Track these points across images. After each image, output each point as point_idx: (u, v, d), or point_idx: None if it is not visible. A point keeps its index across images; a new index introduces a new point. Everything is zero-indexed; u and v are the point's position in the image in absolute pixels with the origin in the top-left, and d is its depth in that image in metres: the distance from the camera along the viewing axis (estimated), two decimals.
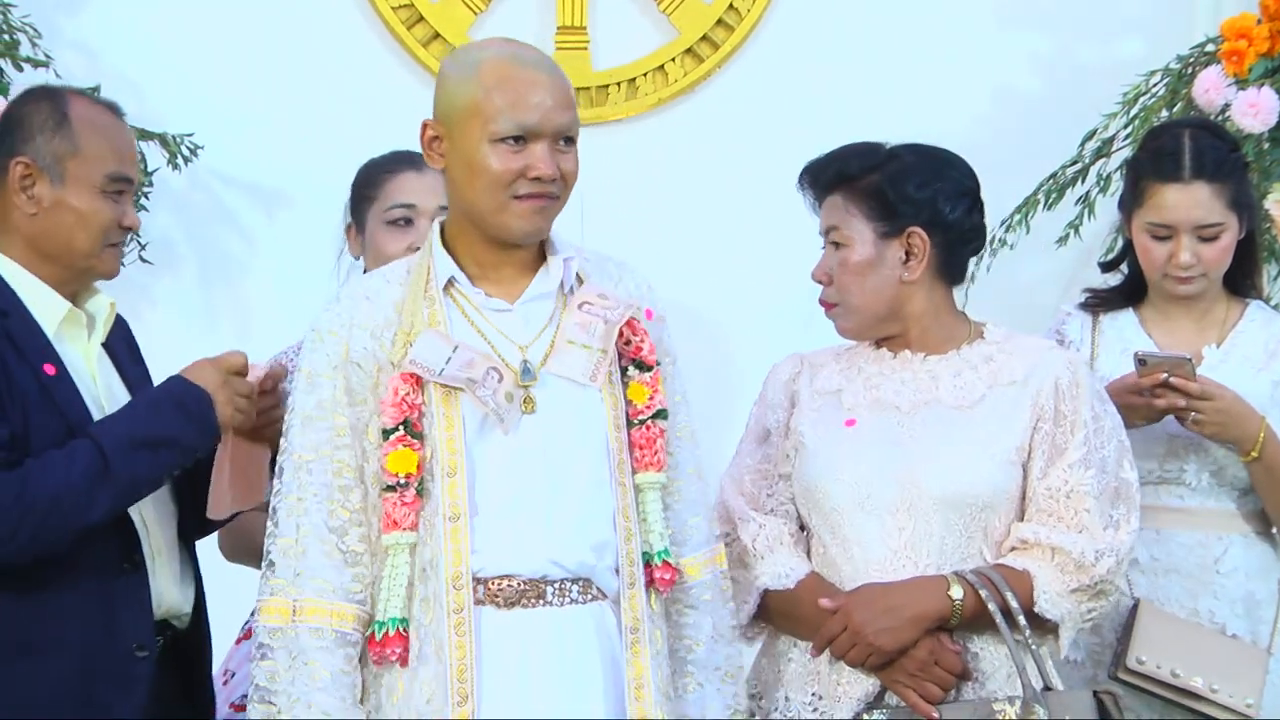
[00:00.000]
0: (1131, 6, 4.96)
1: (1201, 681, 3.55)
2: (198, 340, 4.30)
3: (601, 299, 3.17)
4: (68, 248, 3.31)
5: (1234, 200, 3.73)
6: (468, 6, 4.87)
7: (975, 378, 3.40)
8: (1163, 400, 3.59)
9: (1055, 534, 3.31)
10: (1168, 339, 3.80)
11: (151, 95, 4.56)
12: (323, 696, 3.06)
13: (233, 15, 4.78)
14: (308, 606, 3.08)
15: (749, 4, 4.93)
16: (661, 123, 4.89)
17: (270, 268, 4.77)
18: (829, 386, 3.44)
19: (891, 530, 3.30)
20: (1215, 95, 4.60)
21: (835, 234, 3.41)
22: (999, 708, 3.25)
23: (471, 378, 3.07)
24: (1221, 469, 3.73)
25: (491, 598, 3.08)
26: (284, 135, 4.78)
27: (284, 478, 3.13)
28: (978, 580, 3.26)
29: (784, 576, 3.31)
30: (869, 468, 3.33)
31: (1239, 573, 3.73)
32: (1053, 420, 3.37)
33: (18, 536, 3.14)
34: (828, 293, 3.40)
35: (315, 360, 3.12)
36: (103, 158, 3.31)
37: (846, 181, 3.42)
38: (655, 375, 3.18)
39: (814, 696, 3.31)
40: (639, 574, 3.14)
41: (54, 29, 4.61)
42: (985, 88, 4.87)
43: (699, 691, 3.25)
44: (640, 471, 3.16)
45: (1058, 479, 3.34)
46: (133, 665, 3.24)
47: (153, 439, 3.22)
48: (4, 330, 3.24)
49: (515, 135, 3.06)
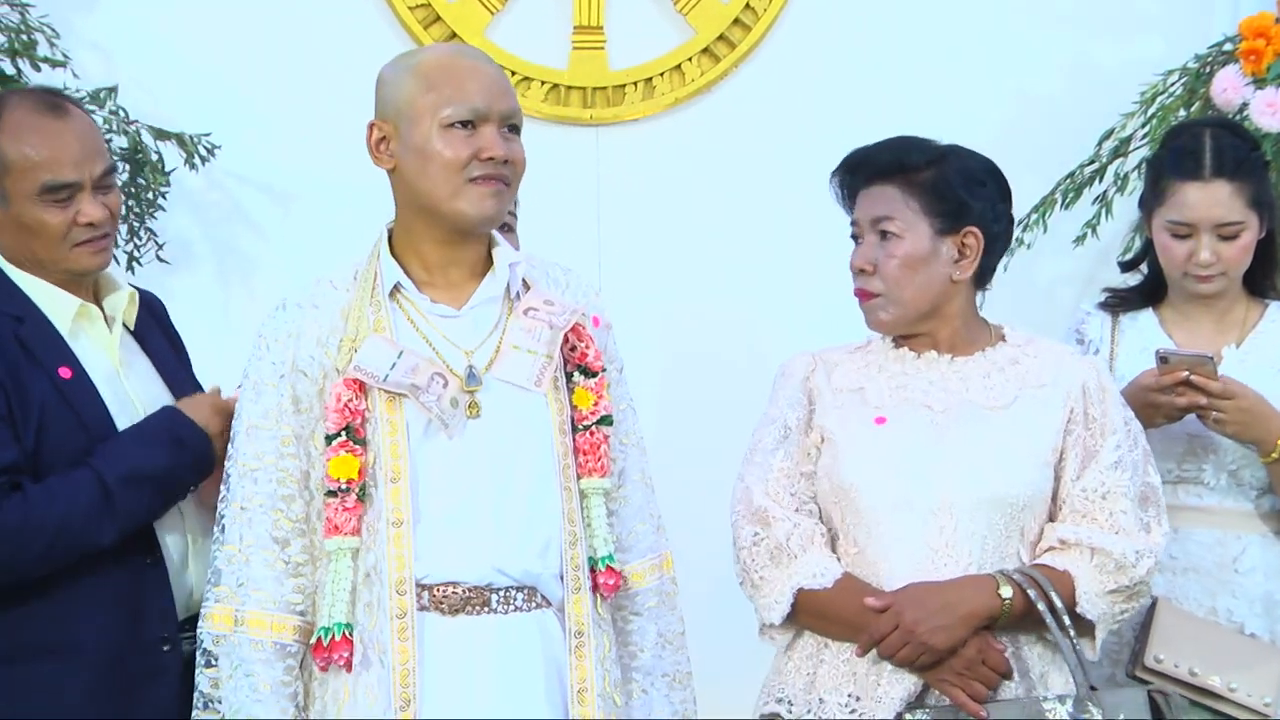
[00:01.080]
0: (1148, 6, 4.97)
1: (1219, 680, 3.55)
2: (215, 338, 4.28)
3: (547, 305, 3.18)
4: (35, 258, 3.31)
5: (1254, 199, 3.73)
6: (484, 6, 4.88)
7: (1004, 380, 3.40)
8: (1184, 399, 3.59)
9: (1095, 535, 3.32)
10: (1187, 339, 3.79)
11: (169, 95, 4.57)
12: (261, 708, 3.09)
13: (250, 15, 4.78)
14: (249, 617, 3.11)
15: (765, 3, 4.94)
16: (678, 122, 4.90)
17: (286, 267, 4.72)
18: (849, 384, 3.42)
19: (933, 530, 3.29)
20: (1233, 94, 4.60)
21: (888, 224, 3.37)
22: (1049, 707, 3.25)
23: (416, 384, 3.07)
24: (1240, 469, 3.72)
25: (436, 604, 3.09)
26: (301, 135, 4.78)
27: (229, 485, 3.14)
28: (1024, 580, 3.26)
29: (819, 576, 3.28)
30: (906, 467, 3.31)
31: (1257, 572, 3.72)
32: (1083, 423, 3.38)
33: (21, 561, 3.17)
34: (870, 283, 3.36)
35: (261, 369, 3.13)
36: (33, 170, 3.27)
37: (904, 172, 3.39)
38: (600, 381, 3.19)
39: (850, 698, 3.29)
40: (584, 579, 3.16)
41: (71, 29, 4.60)
42: (1002, 87, 4.88)
43: (644, 698, 3.28)
44: (585, 477, 3.17)
45: (1093, 480, 3.35)
46: (158, 658, 3.27)
47: (152, 476, 3.24)
48: (19, 337, 3.26)
49: (465, 120, 3.08)
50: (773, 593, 3.30)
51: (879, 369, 3.43)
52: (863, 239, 3.38)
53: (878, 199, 3.38)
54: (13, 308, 3.28)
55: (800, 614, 3.30)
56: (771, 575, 3.31)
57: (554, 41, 4.88)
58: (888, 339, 3.43)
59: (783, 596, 3.29)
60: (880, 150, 3.43)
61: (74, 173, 3.28)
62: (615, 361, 3.29)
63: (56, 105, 3.33)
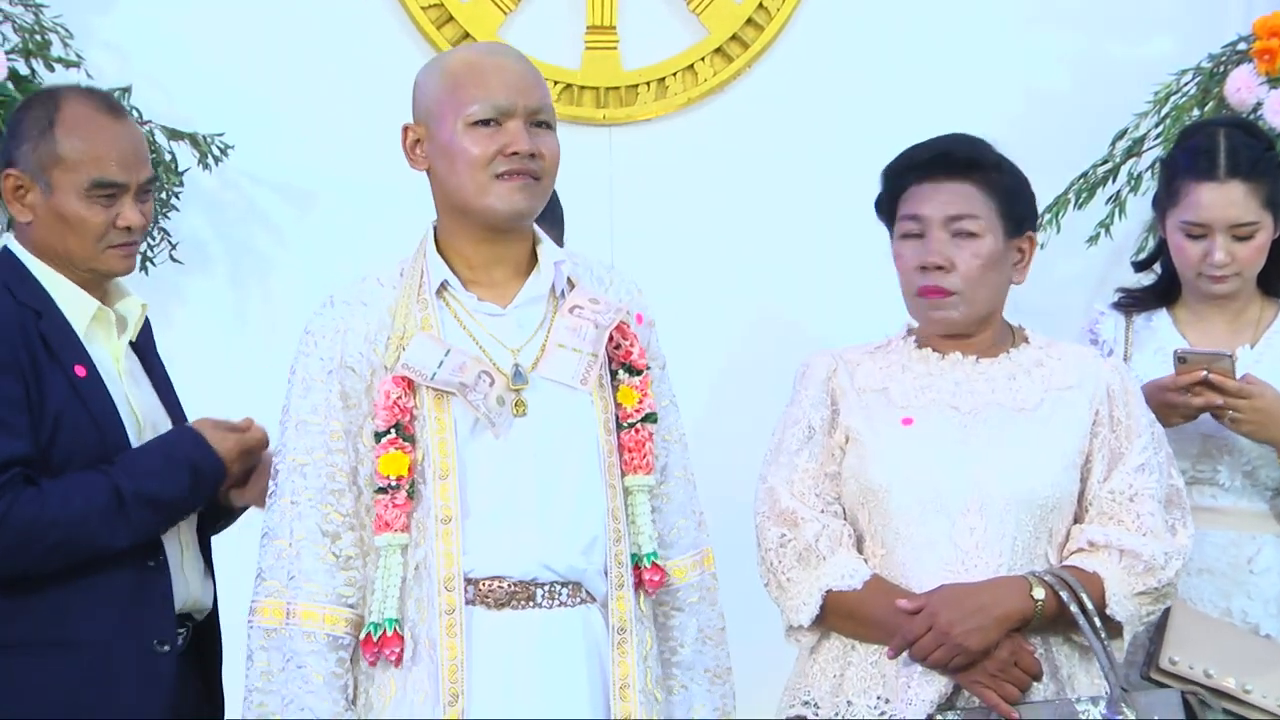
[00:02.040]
0: (1162, 5, 4.97)
1: (1234, 682, 3.53)
2: (228, 339, 4.31)
3: (592, 303, 3.18)
4: (66, 252, 3.33)
5: (1269, 200, 3.72)
6: (497, 6, 4.86)
7: (1030, 382, 3.39)
8: (1200, 398, 3.59)
9: (1125, 537, 3.32)
10: (1201, 339, 3.79)
11: (182, 95, 4.58)
12: (314, 699, 3.10)
13: (263, 15, 4.77)
14: (300, 610, 3.12)
15: (779, 3, 4.93)
16: (691, 122, 4.89)
17: (300, 266, 4.75)
18: (873, 384, 3.39)
19: (963, 531, 3.29)
20: (1247, 94, 4.60)
21: (970, 222, 3.34)
22: (1082, 708, 3.25)
23: (463, 382, 3.08)
24: (1255, 469, 3.72)
25: (482, 598, 3.10)
26: (314, 135, 4.77)
27: (278, 481, 3.15)
28: (1056, 582, 3.26)
29: (849, 577, 3.27)
30: (935, 468, 3.30)
31: (1272, 573, 3.72)
32: (1109, 426, 3.38)
33: (29, 555, 3.20)
34: (947, 280, 3.33)
35: (309, 365, 3.14)
36: (85, 165, 3.31)
37: (982, 171, 3.38)
38: (644, 379, 3.20)
39: (880, 700, 3.27)
40: (627, 576, 3.16)
41: (85, 29, 4.59)
42: (1015, 87, 4.87)
43: (684, 693, 3.27)
44: (629, 474, 3.18)
45: (1121, 483, 3.35)
46: (155, 661, 3.29)
47: (166, 501, 3.28)
48: (39, 331, 3.28)
49: (488, 117, 3.09)
50: (800, 594, 3.29)
51: (902, 369, 3.40)
52: (927, 235, 3.34)
53: (957, 196, 3.35)
54: (34, 302, 3.30)
55: (829, 615, 3.28)
56: (799, 576, 3.30)
57: (567, 41, 4.88)
58: (909, 339, 3.42)
59: (811, 598, 3.28)
60: (953, 146, 3.40)
61: (123, 174, 3.32)
62: (658, 358, 3.29)
63: (115, 107, 3.38)
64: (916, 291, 3.33)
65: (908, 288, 3.37)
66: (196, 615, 3.41)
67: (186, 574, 3.37)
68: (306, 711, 3.08)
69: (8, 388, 3.21)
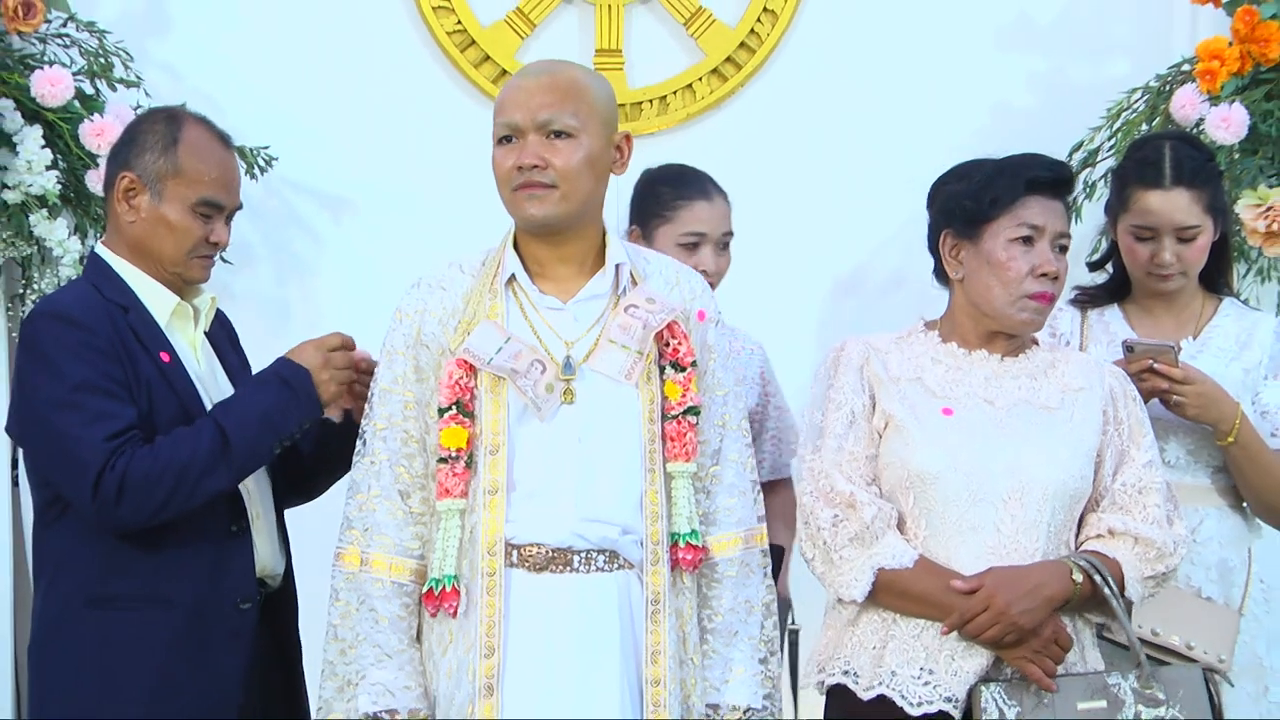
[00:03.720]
0: (1115, 30, 4.94)
1: (1179, 639, 3.55)
2: (273, 332, 4.30)
3: (648, 303, 3.19)
4: (159, 254, 3.38)
5: (1210, 205, 3.74)
6: (514, 31, 4.86)
7: (1048, 382, 3.38)
8: (1148, 384, 3.58)
9: (1139, 526, 3.32)
10: (1150, 332, 3.79)
11: (231, 111, 4.48)
12: (381, 636, 3.17)
13: (304, 38, 4.77)
14: (373, 559, 3.18)
15: (769, 29, 4.91)
16: (690, 136, 4.87)
17: (336, 266, 4.78)
18: (907, 373, 3.36)
19: (1005, 518, 3.25)
20: (1191, 110, 4.60)
21: (1065, 240, 3.35)
22: (1113, 681, 3.25)
23: (515, 368, 3.11)
24: (1198, 448, 3.74)
25: (523, 561, 3.12)
26: (349, 147, 4.78)
27: (364, 442, 3.22)
28: (1089, 566, 3.26)
29: (899, 557, 3.22)
30: (978, 457, 3.27)
31: (1213, 542, 3.74)
32: (1115, 425, 3.38)
33: (151, 504, 3.22)
34: (1057, 288, 3.35)
35: (394, 339, 3.20)
36: (199, 183, 3.36)
37: (1068, 191, 3.41)
38: (689, 375, 3.18)
39: (924, 670, 3.23)
40: (663, 552, 3.15)
41: (144, 52, 4.58)
42: (985, 104, 4.84)
43: (717, 658, 3.25)
44: (671, 461, 3.16)
45: (1131, 477, 3.35)
46: (238, 617, 3.32)
47: (264, 415, 3.30)
48: (128, 323, 3.32)
49: (504, 136, 3.15)
50: (852, 571, 3.23)
51: (933, 360, 3.38)
52: (1036, 245, 3.32)
53: (1056, 214, 3.35)
54: (121, 299, 3.35)
55: (879, 592, 3.23)
56: (852, 555, 3.23)
57: (578, 63, 4.85)
58: (930, 332, 3.41)
59: (863, 575, 3.22)
60: (1053, 164, 3.39)
61: (225, 198, 3.41)
62: (715, 351, 3.27)
63: (227, 139, 3.46)
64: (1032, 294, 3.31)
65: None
66: (269, 582, 3.44)
67: (260, 543, 3.40)
68: (374, 646, 3.15)
69: (113, 369, 3.25)
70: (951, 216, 3.36)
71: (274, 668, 3.45)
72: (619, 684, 3.12)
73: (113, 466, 3.18)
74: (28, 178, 4.33)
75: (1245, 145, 4.58)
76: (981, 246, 3.31)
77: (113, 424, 3.21)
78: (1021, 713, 3.18)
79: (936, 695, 3.21)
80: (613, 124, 3.20)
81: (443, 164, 4.71)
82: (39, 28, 4.39)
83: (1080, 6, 4.94)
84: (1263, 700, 3.74)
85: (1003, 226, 3.29)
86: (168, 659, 3.26)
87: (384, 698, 3.14)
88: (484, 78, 4.80)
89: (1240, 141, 4.56)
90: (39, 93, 4.34)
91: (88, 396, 3.22)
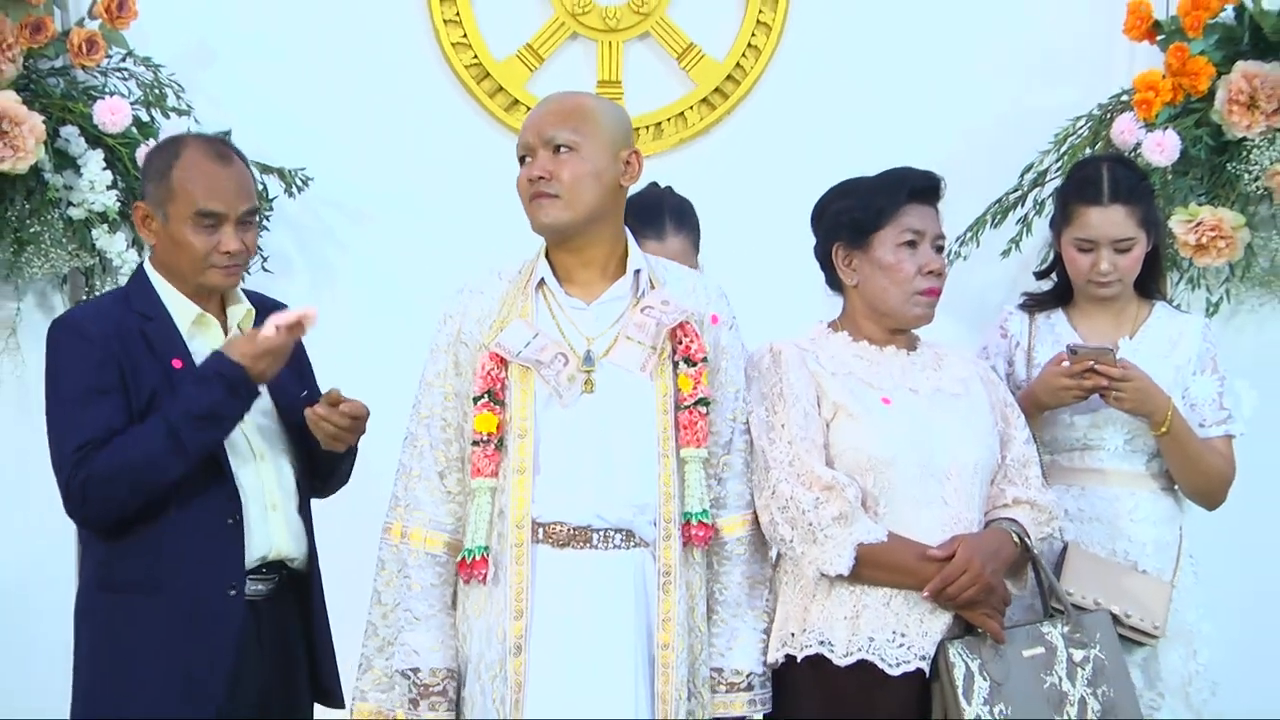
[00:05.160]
0: (1062, 64, 4.91)
1: (1118, 608, 3.56)
2: (309, 334, 4.32)
3: (663, 304, 3.21)
4: (179, 269, 3.39)
5: (1144, 220, 3.77)
6: (524, 64, 4.83)
7: (945, 372, 3.41)
8: (1090, 382, 3.63)
9: (1033, 493, 3.38)
10: (1090, 333, 3.82)
11: (272, 137, 4.54)
12: (414, 602, 3.23)
13: (337, 70, 4.77)
14: (411, 532, 3.25)
15: (752, 63, 4.89)
16: (682, 158, 4.86)
17: (363, 274, 4.78)
18: (840, 368, 3.35)
19: (949, 492, 3.28)
20: (1129, 136, 4.62)
21: (942, 241, 3.39)
22: (1045, 629, 3.30)
23: (541, 360, 3.16)
24: (1134, 438, 3.76)
25: (548, 538, 3.15)
26: (378, 168, 4.78)
27: (411, 428, 3.28)
28: (1020, 531, 3.31)
29: (874, 532, 3.21)
30: (920, 440, 3.28)
31: (1148, 521, 3.77)
32: (996, 408, 3.43)
33: (116, 500, 3.25)
34: (941, 283, 3.39)
35: (438, 338, 3.27)
36: (191, 198, 3.34)
37: (939, 197, 3.42)
38: (700, 370, 3.20)
39: (896, 634, 3.22)
40: (675, 530, 3.17)
41: (194, 84, 4.59)
42: (947, 129, 4.82)
43: (725, 627, 3.27)
44: (684, 447, 3.19)
45: (1017, 452, 3.41)
46: (226, 601, 3.31)
47: (209, 411, 3.26)
48: (144, 331, 3.34)
49: (521, 156, 3.22)
50: (835, 547, 3.20)
51: (854, 356, 3.37)
52: (919, 247, 3.34)
53: (935, 219, 3.39)
54: (146, 308, 3.38)
55: (859, 565, 3.21)
56: (835, 533, 3.20)
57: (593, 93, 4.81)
58: (841, 332, 3.41)
59: (845, 550, 3.20)
60: (933, 176, 3.41)
61: (222, 206, 3.35)
62: (728, 352, 3.28)
63: (223, 153, 3.42)
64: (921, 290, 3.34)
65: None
66: (289, 564, 3.42)
67: (273, 529, 3.38)
68: (407, 610, 3.23)
69: (105, 377, 3.27)
70: (840, 230, 3.37)
71: (297, 636, 3.46)
72: (633, 650, 3.15)
73: (76, 474, 3.22)
74: (90, 196, 4.38)
75: (1177, 167, 4.60)
76: (871, 254, 3.33)
77: (83, 434, 3.23)
78: (983, 664, 3.20)
79: (912, 655, 3.23)
80: (620, 141, 3.22)
81: (459, 182, 4.71)
82: (101, 62, 4.42)
83: (1032, 43, 4.91)
84: (1192, 661, 3.74)
85: (889, 234, 3.31)
86: (165, 639, 3.26)
87: (410, 657, 3.21)
88: (498, 106, 4.80)
89: (1173, 164, 4.58)
90: (100, 120, 4.37)
91: (71, 409, 3.26)
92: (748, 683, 3.26)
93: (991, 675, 3.19)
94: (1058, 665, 3.26)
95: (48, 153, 4.34)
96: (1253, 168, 4.56)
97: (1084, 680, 3.26)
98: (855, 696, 3.22)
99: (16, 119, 4.23)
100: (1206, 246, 4.53)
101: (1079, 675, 3.26)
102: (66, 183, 4.40)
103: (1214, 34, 4.61)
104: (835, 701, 3.23)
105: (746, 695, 3.25)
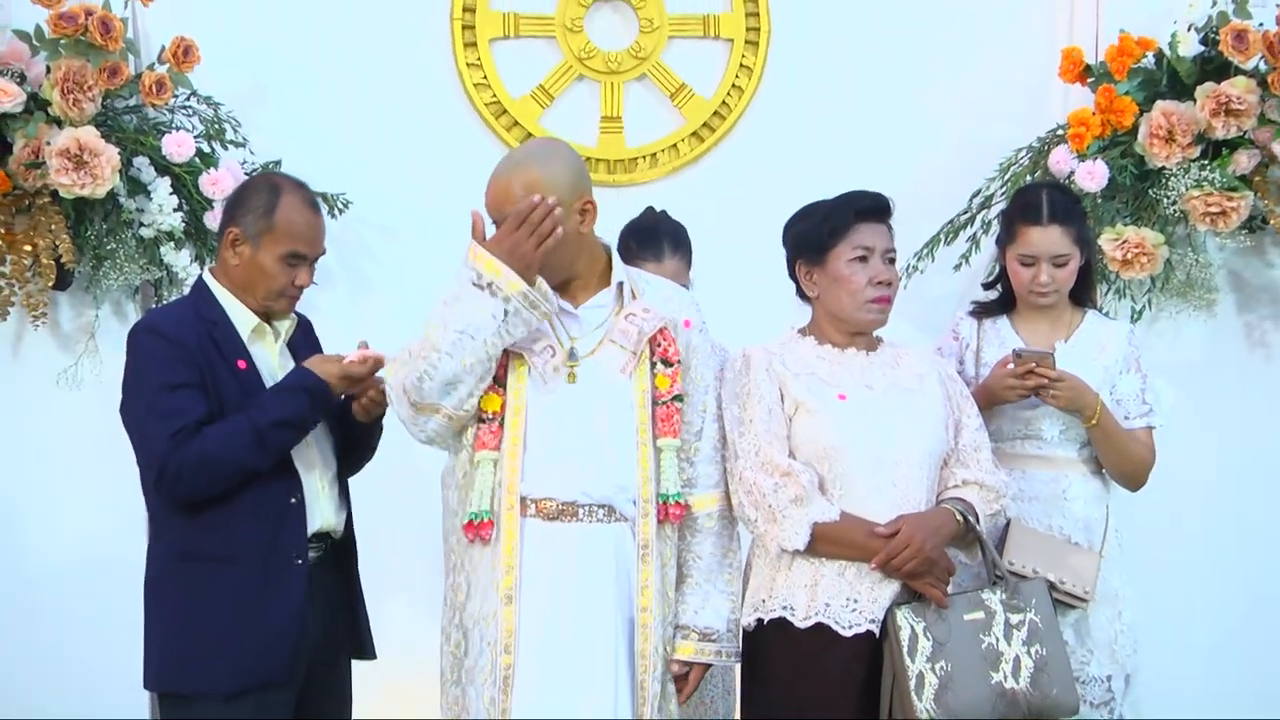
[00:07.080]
0: (1006, 103, 4.95)
1: (1054, 576, 3.62)
2: (349, 338, 4.27)
3: (645, 312, 3.26)
4: (253, 292, 3.48)
5: (1078, 238, 3.84)
6: (537, 102, 4.90)
7: (902, 370, 3.43)
8: (1030, 382, 3.69)
9: (982, 475, 3.41)
10: (1031, 337, 3.87)
11: (315, 165, 4.39)
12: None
13: (372, 107, 4.81)
14: None
15: (737, 101, 4.94)
16: (674, 185, 4.91)
17: (395, 285, 4.81)
18: (803, 369, 3.38)
19: (898, 478, 3.31)
20: (1064, 165, 4.68)
21: (893, 254, 3.40)
22: (985, 596, 3.32)
23: (532, 348, 3.22)
24: (1068, 429, 3.82)
25: (539, 512, 3.19)
26: (408, 192, 4.82)
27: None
28: (965, 509, 3.35)
29: (828, 513, 3.26)
30: (872, 432, 3.32)
31: (1079, 500, 3.82)
32: (950, 400, 3.46)
33: (204, 480, 3.29)
34: (892, 292, 3.39)
35: None
36: (289, 240, 3.44)
37: (889, 214, 3.43)
38: (675, 370, 3.26)
39: (850, 600, 3.27)
40: (652, 509, 3.23)
41: (249, 119, 4.64)
42: (907, 160, 4.85)
43: (698, 590, 3.32)
44: (660, 437, 3.25)
45: (969, 440, 3.44)
46: (293, 569, 3.39)
47: (289, 421, 3.35)
48: (211, 335, 3.41)
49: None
50: (793, 526, 3.24)
51: (817, 358, 3.40)
52: (870, 261, 3.34)
53: (884, 234, 3.39)
54: (211, 315, 3.45)
55: (815, 541, 3.25)
56: (792, 513, 3.25)
57: (587, 127, 4.92)
58: (808, 337, 3.43)
59: (802, 528, 3.24)
60: (880, 197, 3.42)
61: (309, 250, 3.49)
62: (698, 352, 3.33)
63: (315, 203, 3.54)
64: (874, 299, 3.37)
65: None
66: (334, 535, 3.51)
67: (323, 505, 3.47)
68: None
69: (189, 374, 3.34)
70: (802, 249, 3.43)
71: (339, 598, 3.53)
72: (613, 613, 3.21)
73: (173, 456, 3.28)
74: (159, 218, 4.45)
75: (1106, 192, 4.67)
76: (828, 269, 3.37)
77: (178, 421, 3.29)
78: (927, 626, 3.24)
79: (863, 619, 3.29)
80: (572, 197, 3.19)
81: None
82: (168, 101, 4.49)
83: (980, 86, 4.97)
84: (1117, 621, 3.78)
85: (842, 250, 3.36)
86: (236, 602, 3.33)
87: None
88: (514, 139, 4.84)
89: (1102, 189, 4.64)
90: (168, 151, 4.45)
91: (162, 398, 3.30)
92: (716, 636, 3.31)
93: (934, 636, 3.24)
94: (995, 627, 3.29)
95: (122, 180, 4.42)
96: (1171, 193, 4.62)
97: (1020, 641, 3.29)
98: (813, 654, 3.29)
99: (95, 151, 4.32)
100: (1131, 262, 4.58)
101: (1015, 636, 3.29)
102: (138, 206, 4.47)
103: (1137, 77, 4.69)
104: (796, 658, 3.29)
105: (714, 646, 3.31)
